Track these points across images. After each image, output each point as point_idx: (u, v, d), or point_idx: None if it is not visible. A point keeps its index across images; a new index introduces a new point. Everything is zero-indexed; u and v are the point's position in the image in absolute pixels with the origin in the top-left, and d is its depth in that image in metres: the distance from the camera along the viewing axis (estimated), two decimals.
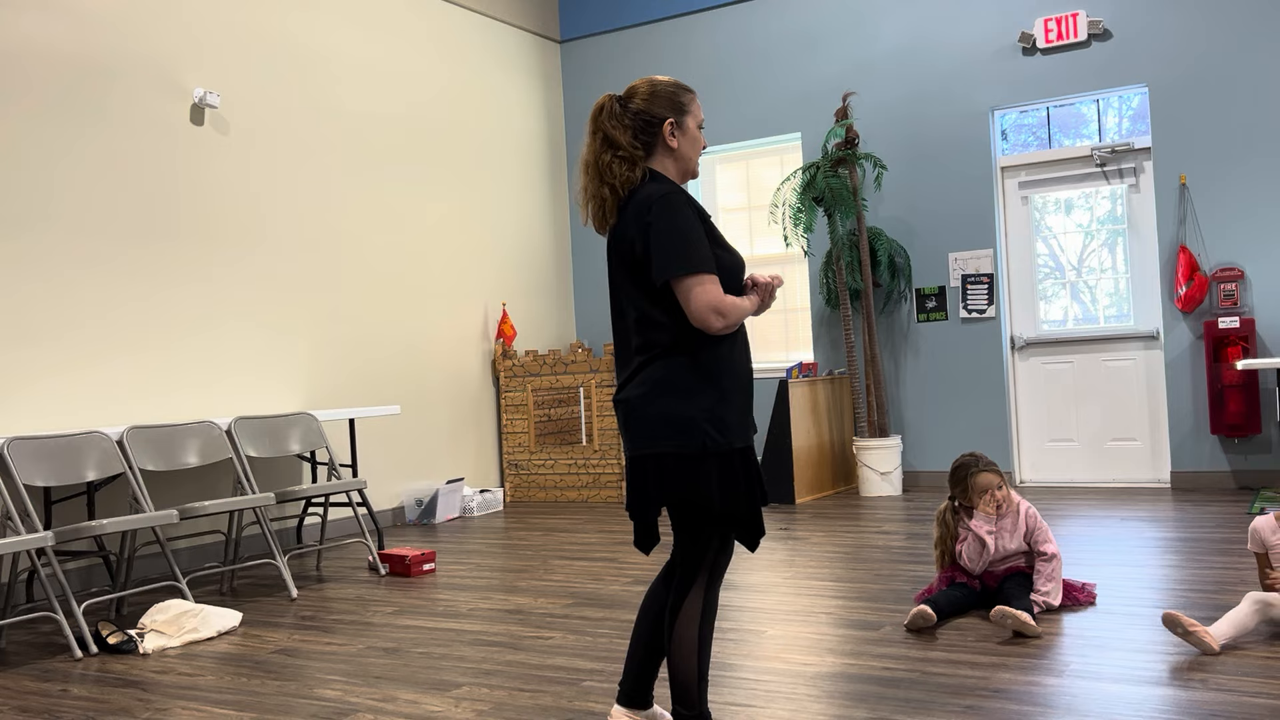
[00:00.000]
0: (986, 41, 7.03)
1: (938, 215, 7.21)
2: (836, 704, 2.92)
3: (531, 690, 3.20)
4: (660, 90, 2.51)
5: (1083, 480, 6.93)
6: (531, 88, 8.35)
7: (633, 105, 2.50)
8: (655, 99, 2.50)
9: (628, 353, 2.50)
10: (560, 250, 8.54)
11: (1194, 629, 3.15)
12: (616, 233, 2.46)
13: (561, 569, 5.08)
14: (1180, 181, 6.47)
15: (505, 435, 7.76)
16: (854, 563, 4.82)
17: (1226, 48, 6.35)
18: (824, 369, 7.61)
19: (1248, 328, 6.17)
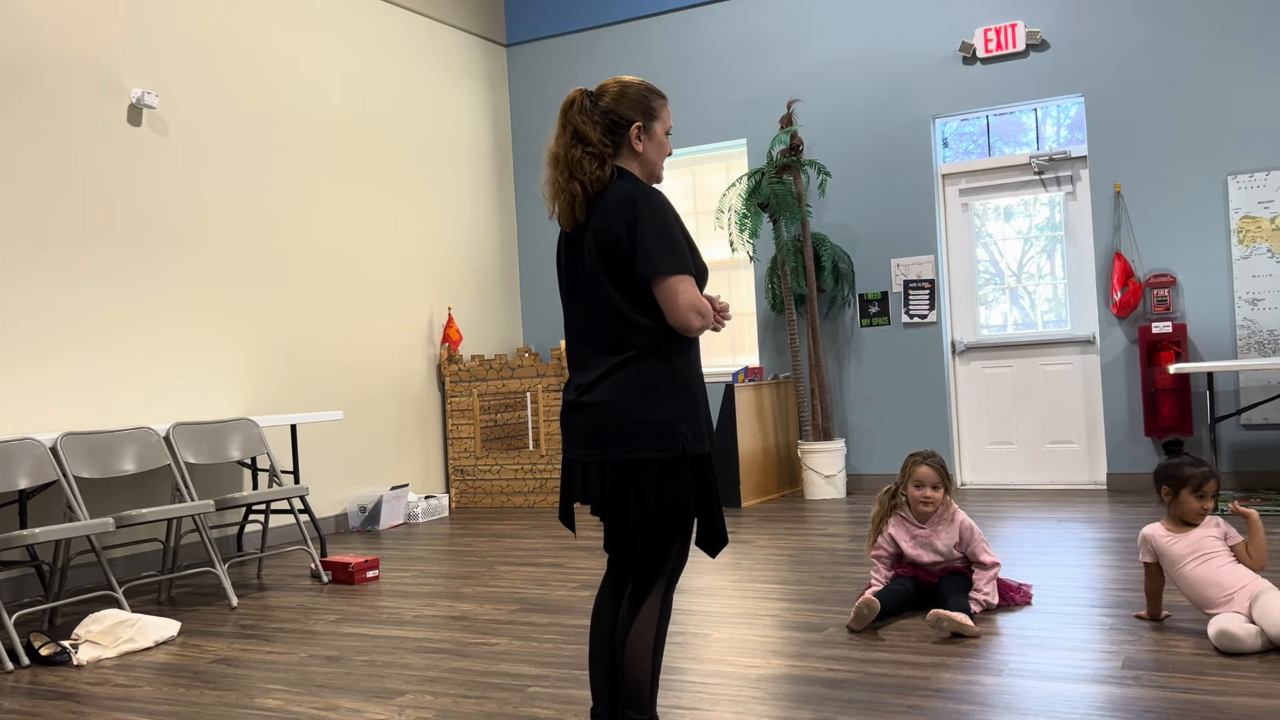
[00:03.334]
0: (928, 51, 7.14)
1: (880, 221, 7.30)
2: (781, 706, 2.94)
3: (476, 697, 3.18)
4: (630, 92, 2.49)
5: (1022, 482, 7.06)
6: (477, 91, 8.32)
7: (602, 103, 2.48)
8: (624, 100, 2.48)
9: (592, 353, 2.44)
10: (507, 254, 8.51)
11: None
12: (595, 228, 2.41)
13: (507, 575, 5.05)
14: (1115, 190, 6.62)
15: (451, 441, 7.70)
16: (798, 565, 4.86)
17: (1160, 59, 6.51)
18: (769, 373, 7.67)
19: (1180, 332, 6.33)
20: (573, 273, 2.50)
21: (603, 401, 2.39)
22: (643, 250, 2.34)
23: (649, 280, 2.36)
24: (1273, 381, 6.20)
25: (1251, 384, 6.28)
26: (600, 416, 2.39)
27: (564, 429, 2.49)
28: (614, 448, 2.37)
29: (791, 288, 7.21)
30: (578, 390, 2.45)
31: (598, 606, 2.55)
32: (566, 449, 2.48)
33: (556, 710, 3.01)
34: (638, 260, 2.35)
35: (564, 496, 2.52)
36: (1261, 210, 6.26)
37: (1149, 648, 3.27)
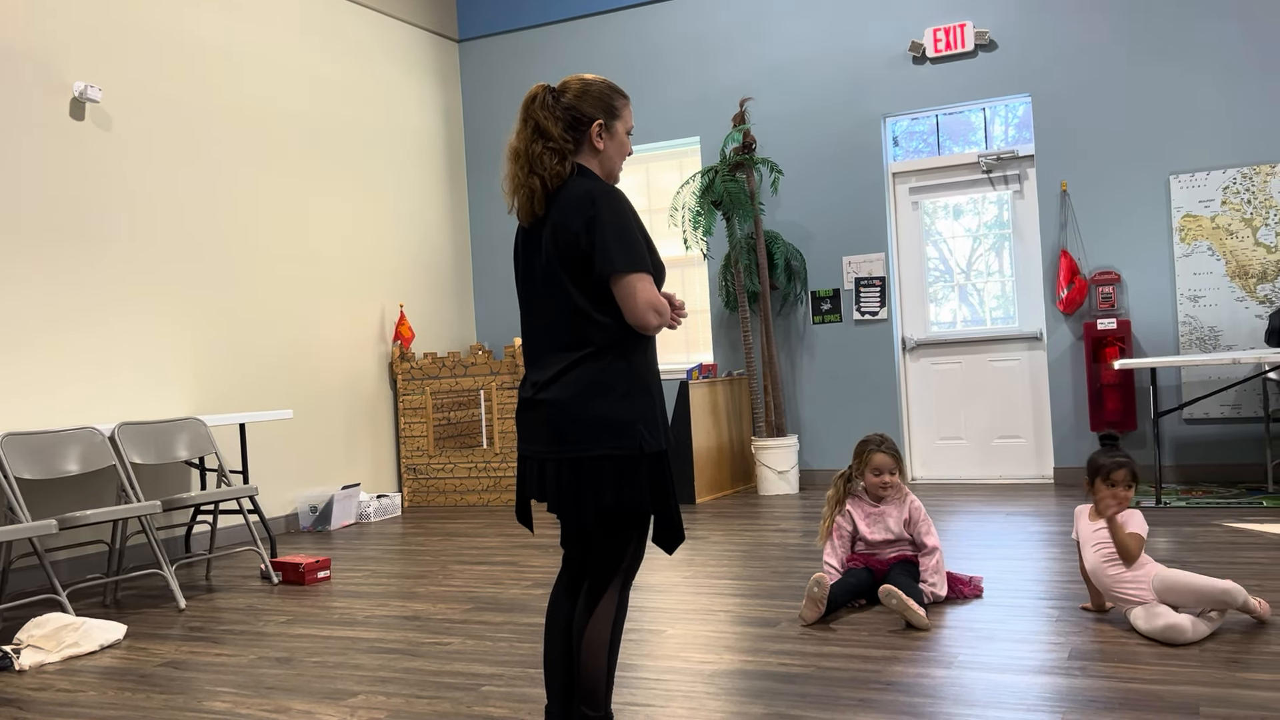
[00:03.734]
0: (878, 50, 7.21)
1: (832, 220, 7.36)
2: (734, 701, 2.96)
3: (429, 697, 3.16)
4: (592, 90, 2.49)
5: (971, 477, 7.16)
6: (429, 86, 8.25)
7: (564, 99, 2.47)
8: (586, 97, 2.48)
9: (550, 350, 2.43)
10: (460, 251, 8.46)
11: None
12: (554, 224, 2.40)
13: (461, 574, 5.03)
14: (1061, 188, 6.73)
15: (403, 439, 7.64)
16: (752, 561, 4.89)
17: (1105, 60, 6.63)
18: (723, 370, 7.70)
19: (1124, 329, 6.46)
20: (530, 269, 2.49)
21: (560, 399, 2.38)
22: (602, 248, 2.34)
23: (608, 278, 2.36)
24: (1213, 377, 6.35)
25: (1193, 379, 6.42)
26: (558, 414, 2.38)
27: (520, 426, 2.48)
28: (572, 445, 2.37)
29: (745, 285, 7.25)
30: (534, 387, 2.44)
31: (553, 603, 2.55)
32: (522, 446, 2.48)
33: (511, 709, 3.00)
34: (596, 258, 2.35)
35: (520, 494, 2.51)
36: (1202, 209, 6.40)
37: (1094, 639, 3.33)
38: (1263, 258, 6.28)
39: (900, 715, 2.76)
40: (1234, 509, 5.46)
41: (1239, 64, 6.32)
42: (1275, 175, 6.23)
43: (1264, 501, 5.58)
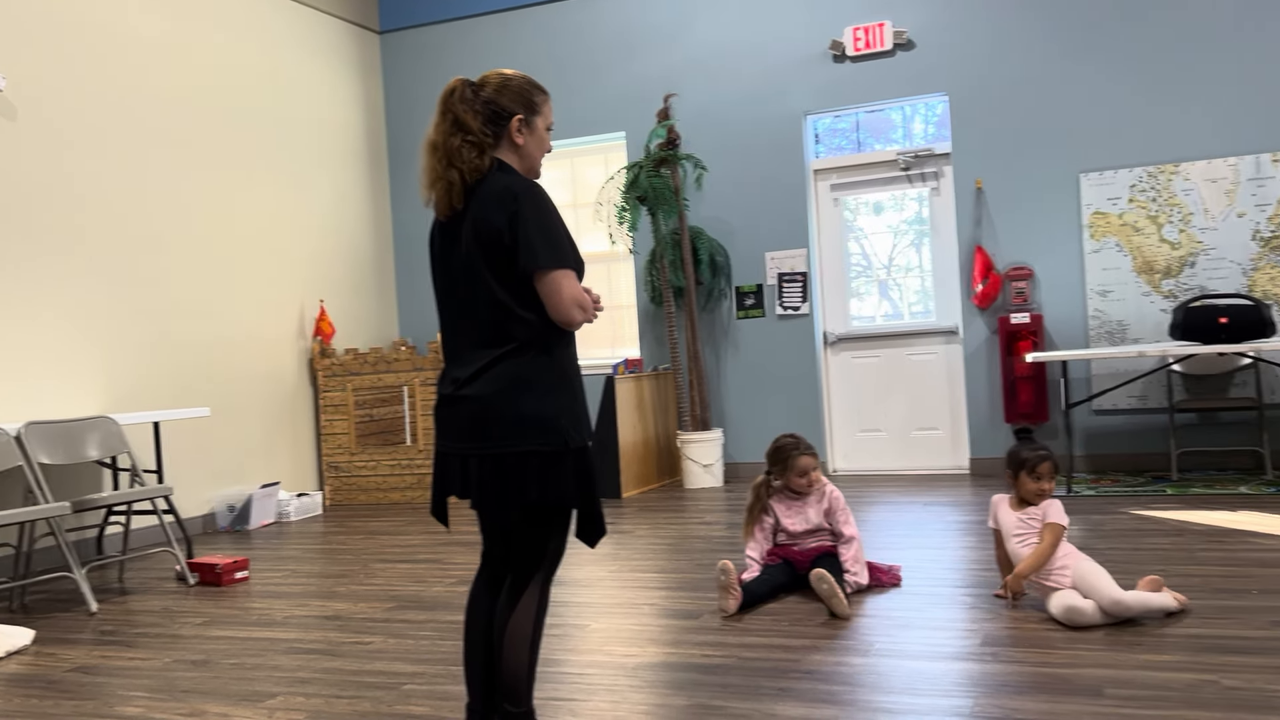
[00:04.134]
0: (799, 48, 7.29)
1: (755, 216, 7.43)
2: (656, 693, 2.98)
3: (349, 697, 3.12)
4: (512, 85, 2.48)
5: (890, 468, 7.29)
6: (350, 78, 8.13)
7: (484, 93, 2.46)
8: (506, 92, 2.46)
9: (471, 346, 2.41)
10: (381, 246, 8.35)
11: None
12: (474, 219, 2.38)
13: (383, 572, 4.97)
14: (977, 186, 6.89)
15: (324, 437, 7.53)
16: (676, 554, 4.92)
17: (1018, 61, 6.79)
18: (649, 365, 7.73)
19: (1037, 323, 6.64)
20: (448, 263, 2.47)
21: (483, 395, 2.37)
22: (525, 243, 2.33)
23: (531, 274, 2.35)
24: (1121, 369, 6.56)
25: (1102, 371, 6.63)
26: (481, 410, 2.37)
27: (439, 423, 2.46)
28: (496, 441, 2.36)
29: (670, 280, 7.28)
30: (455, 384, 2.42)
31: (472, 599, 2.54)
32: (442, 443, 2.46)
33: (432, 707, 2.98)
34: (520, 253, 2.34)
35: (437, 491, 2.49)
36: (1110, 206, 6.60)
37: (1006, 625, 3.43)
38: (1167, 254, 6.50)
39: (818, 703, 2.81)
40: (1140, 497, 5.66)
41: (1146, 66, 6.53)
42: (1179, 174, 6.46)
43: (1168, 489, 5.79)
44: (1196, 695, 2.68)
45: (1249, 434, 6.31)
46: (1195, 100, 6.43)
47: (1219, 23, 6.39)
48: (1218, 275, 6.40)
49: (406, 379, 7.33)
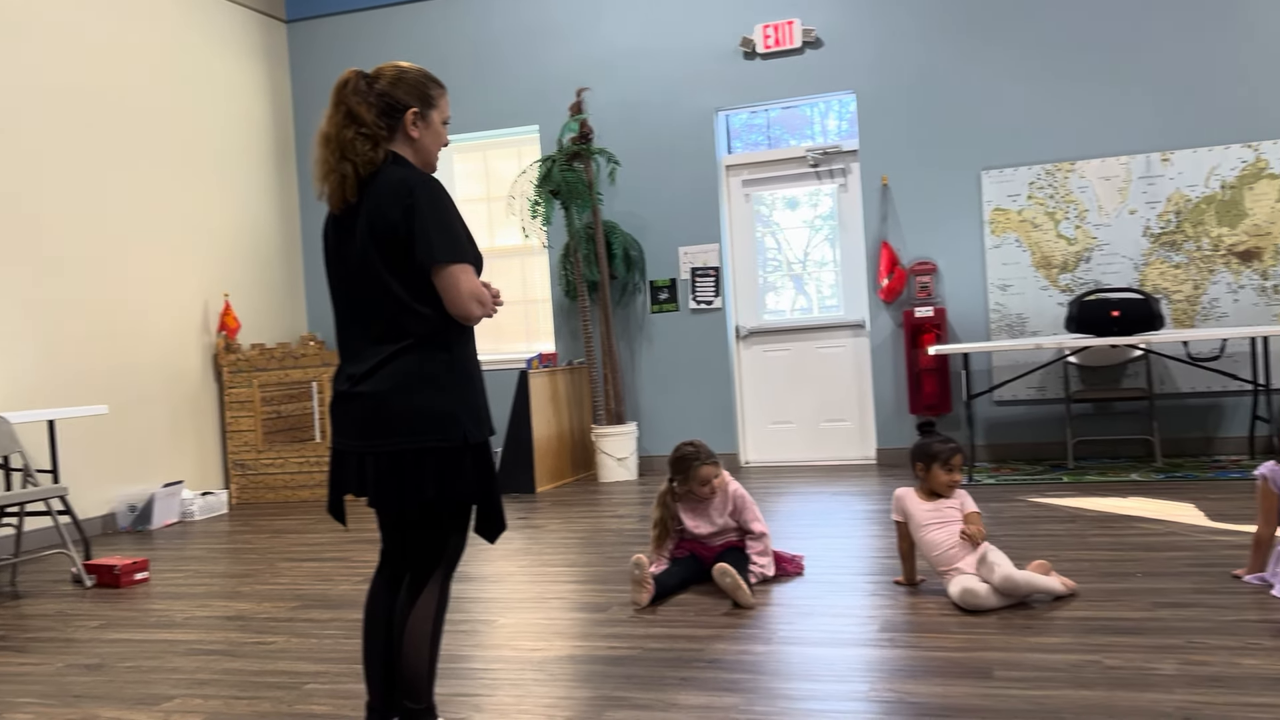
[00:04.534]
0: (711, 45, 7.35)
1: (668, 210, 7.48)
2: (561, 686, 3.00)
3: (249, 698, 3.08)
4: (407, 77, 2.45)
5: (800, 459, 7.42)
6: (255, 69, 7.96)
7: (378, 86, 2.43)
8: (400, 85, 2.43)
9: (367, 341, 2.38)
10: (289, 239, 8.20)
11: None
12: (369, 212, 2.35)
13: (288, 571, 4.90)
14: (882, 182, 7.03)
15: (230, 434, 7.37)
16: (587, 547, 4.94)
17: (923, 60, 6.95)
18: (564, 359, 7.73)
19: (940, 316, 6.81)
20: (343, 258, 2.44)
21: (380, 391, 2.35)
22: (422, 237, 2.32)
23: (429, 268, 2.34)
24: (1020, 361, 6.76)
25: (1002, 363, 6.83)
26: (377, 406, 2.35)
27: (335, 420, 2.44)
28: (392, 438, 2.34)
29: (584, 274, 7.29)
30: (351, 380, 2.39)
31: (371, 597, 2.53)
32: (338, 440, 2.43)
33: (334, 706, 2.95)
34: (417, 247, 2.32)
35: (334, 489, 2.47)
36: (1010, 203, 6.80)
37: (904, 611, 3.52)
38: (1064, 249, 6.72)
39: (720, 691, 2.85)
40: (1037, 485, 5.85)
41: (1045, 67, 6.73)
42: (1075, 172, 6.67)
43: (1064, 477, 5.99)
44: (1080, 675, 2.79)
45: (1140, 423, 6.56)
46: (1091, 101, 6.66)
47: (1114, 26, 6.62)
48: (1111, 270, 6.64)
49: (315, 374, 7.21)
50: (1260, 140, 6.38)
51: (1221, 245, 6.46)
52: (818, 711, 2.68)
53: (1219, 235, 6.46)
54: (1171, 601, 3.40)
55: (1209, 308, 6.49)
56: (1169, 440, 6.49)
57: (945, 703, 2.66)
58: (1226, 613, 3.25)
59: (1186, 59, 6.50)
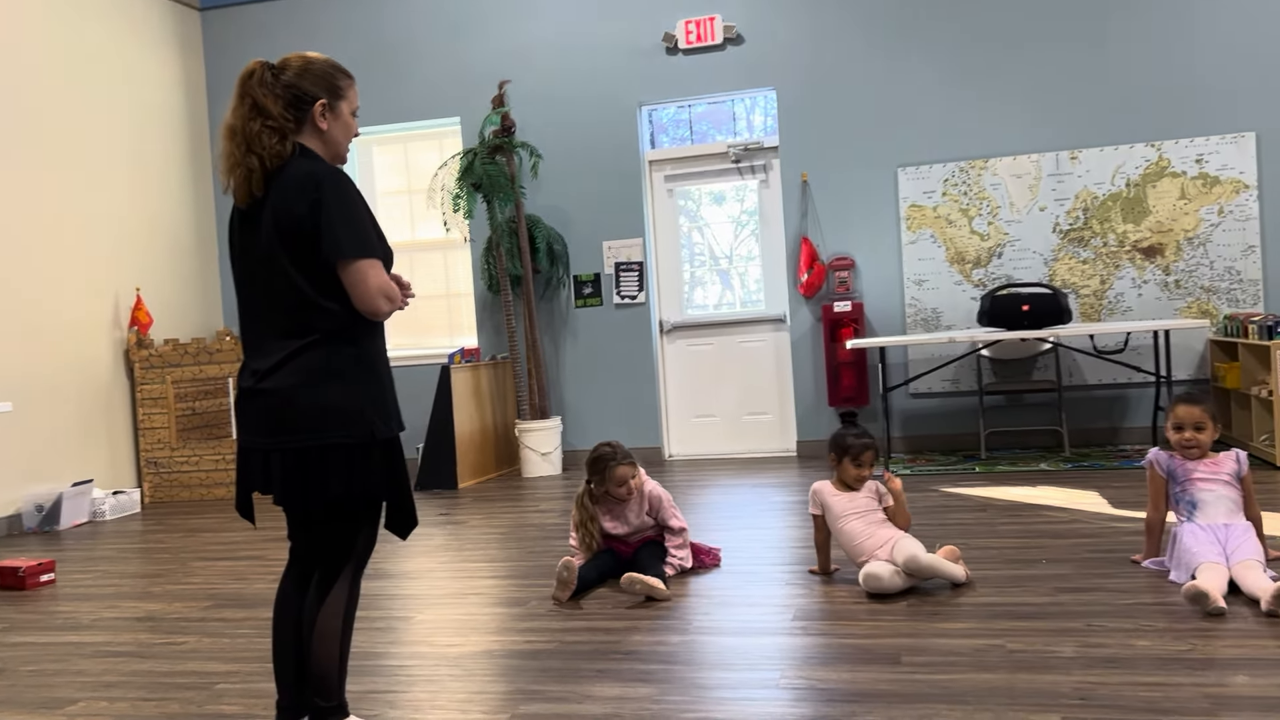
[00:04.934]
0: (633, 39, 7.37)
1: (592, 205, 7.48)
2: (477, 681, 3.00)
3: (158, 699, 3.02)
4: (314, 68, 2.42)
5: (723, 452, 7.49)
6: (168, 57, 7.76)
7: (285, 77, 2.39)
8: (308, 75, 2.40)
9: (272, 337, 2.35)
10: (203, 231, 8.02)
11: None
12: (274, 206, 2.32)
13: (202, 570, 4.81)
14: (802, 179, 7.12)
15: (142, 431, 7.19)
16: (509, 543, 4.94)
17: (841, 57, 7.05)
18: (486, 354, 7.69)
19: (858, 311, 6.92)
20: (248, 252, 2.41)
21: (284, 387, 2.32)
22: (328, 232, 2.29)
23: (335, 263, 2.31)
24: (935, 354, 6.91)
25: (918, 357, 6.98)
26: (282, 403, 2.32)
27: (240, 417, 2.41)
28: (298, 434, 2.31)
29: (507, 269, 7.26)
30: (256, 376, 2.36)
31: (281, 597, 2.50)
32: (244, 438, 2.40)
33: (245, 706, 2.91)
34: (323, 242, 2.30)
35: (241, 487, 2.44)
36: (925, 199, 6.94)
37: (817, 600, 3.59)
38: (977, 245, 6.88)
39: (635, 682, 2.88)
40: (951, 475, 5.99)
41: (959, 66, 6.88)
42: (988, 170, 6.84)
43: (976, 467, 6.15)
44: (983, 659, 2.88)
45: (1049, 414, 6.76)
46: (1003, 99, 6.83)
47: (1025, 26, 6.79)
48: (1022, 265, 6.82)
49: (230, 370, 7.07)
50: (1162, 140, 6.60)
51: (1126, 241, 6.68)
52: (729, 700, 2.72)
53: (1124, 232, 6.68)
54: (1073, 586, 3.52)
55: (1114, 302, 6.70)
56: (1076, 431, 6.69)
57: (854, 688, 2.72)
58: (1124, 596, 3.37)
59: (1094, 61, 6.70)
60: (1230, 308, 6.53)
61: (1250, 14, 6.49)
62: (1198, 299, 6.59)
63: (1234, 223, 6.52)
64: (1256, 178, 6.48)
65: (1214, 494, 3.53)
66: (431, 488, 6.81)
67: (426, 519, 5.71)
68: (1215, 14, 6.54)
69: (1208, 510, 3.51)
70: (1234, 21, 6.51)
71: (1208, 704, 2.46)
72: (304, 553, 2.50)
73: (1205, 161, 6.54)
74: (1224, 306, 6.54)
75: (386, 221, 7.96)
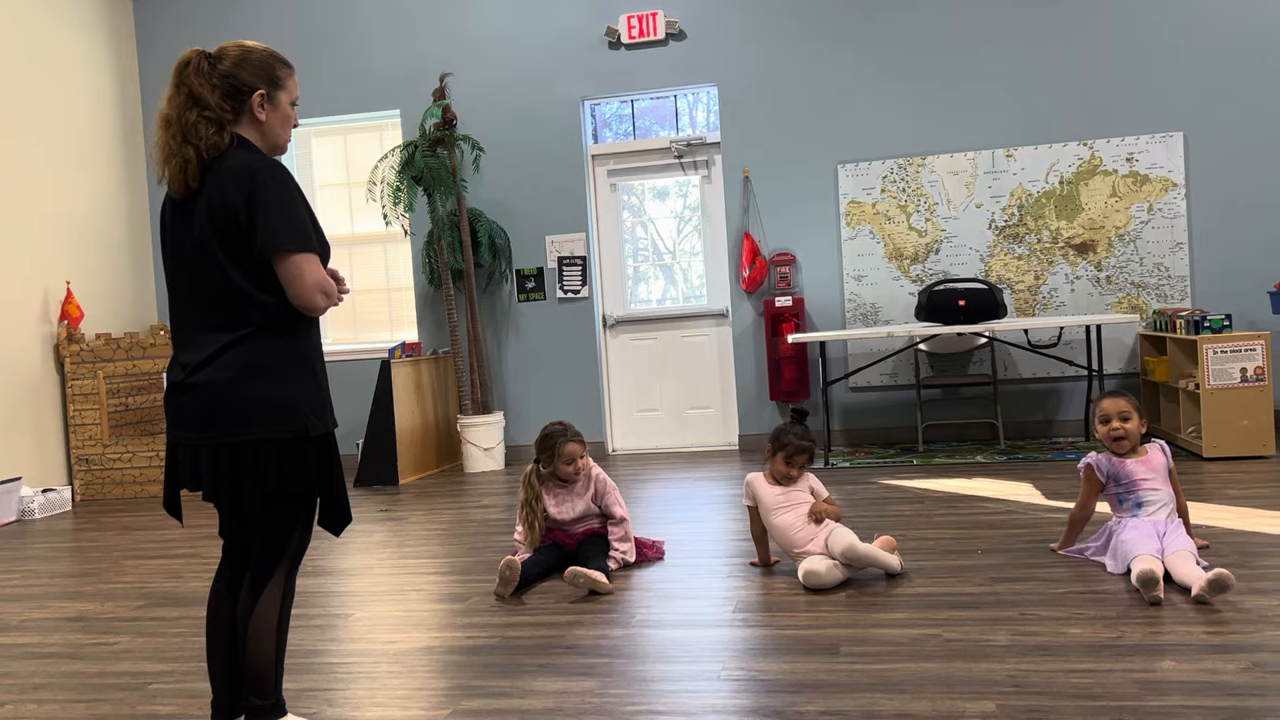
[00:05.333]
0: (576, 33, 7.35)
1: (535, 199, 7.45)
2: (418, 678, 2.98)
3: (89, 700, 2.96)
4: (252, 57, 2.37)
5: (666, 446, 7.51)
6: (99, 45, 7.57)
7: (222, 66, 2.35)
8: (246, 65, 2.36)
9: (203, 330, 2.31)
10: (137, 223, 7.84)
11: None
12: (209, 198, 2.27)
13: (135, 569, 4.71)
14: (744, 174, 7.17)
15: (73, 428, 7.02)
16: (450, 538, 4.91)
17: (783, 54, 7.10)
18: (428, 348, 7.63)
19: (799, 306, 6.99)
20: (180, 244, 2.36)
21: (215, 381, 2.28)
22: (264, 225, 2.26)
23: (270, 257, 2.28)
24: (874, 349, 7.00)
25: (857, 351, 7.06)
26: (212, 397, 2.28)
27: (170, 412, 2.36)
28: (229, 429, 2.28)
29: (449, 263, 7.21)
30: (186, 370, 2.32)
31: (214, 594, 2.47)
32: (173, 433, 2.36)
33: (179, 706, 2.87)
34: (259, 235, 2.26)
35: (169, 483, 2.39)
36: (864, 196, 7.02)
37: (757, 591, 3.62)
38: (915, 241, 6.98)
39: (577, 676, 2.88)
40: (889, 467, 6.07)
41: (898, 64, 6.97)
42: (925, 167, 6.94)
43: (914, 460, 6.24)
44: (920, 649, 2.92)
45: (985, 407, 6.89)
46: (940, 98, 6.93)
47: (963, 27, 6.90)
48: (959, 261, 6.93)
49: (165, 365, 6.92)
50: (1095, 139, 6.75)
51: (1060, 238, 6.82)
52: (671, 692, 2.73)
53: (1057, 228, 6.82)
54: (1007, 576, 3.59)
55: (1048, 297, 6.84)
56: (1011, 424, 6.82)
57: (793, 679, 2.75)
58: (1056, 586, 3.45)
59: (1029, 61, 6.82)
60: (1159, 303, 6.70)
61: (1179, 17, 6.66)
62: (1128, 294, 6.75)
63: (1163, 220, 6.69)
64: (1184, 176, 6.66)
65: (1158, 494, 3.63)
66: (372, 484, 6.75)
67: (367, 515, 5.65)
68: (1146, 17, 6.69)
69: (1152, 509, 3.61)
70: (1163, 24, 6.68)
71: (1136, 689, 2.53)
72: (238, 552, 2.46)
73: (1135, 160, 6.70)
74: (1153, 302, 6.71)
75: (325, 214, 7.86)
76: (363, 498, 6.27)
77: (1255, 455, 5.58)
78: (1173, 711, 2.38)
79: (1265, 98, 6.57)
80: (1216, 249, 6.64)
